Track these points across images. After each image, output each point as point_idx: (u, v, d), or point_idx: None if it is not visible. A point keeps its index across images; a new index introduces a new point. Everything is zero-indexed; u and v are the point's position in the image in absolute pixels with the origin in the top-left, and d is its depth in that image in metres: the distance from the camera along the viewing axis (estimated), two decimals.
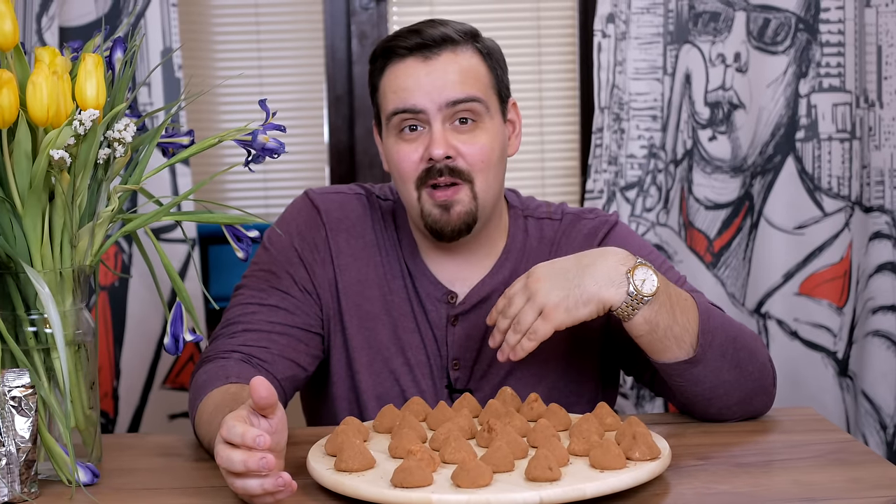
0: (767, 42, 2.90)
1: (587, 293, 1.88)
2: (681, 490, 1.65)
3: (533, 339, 1.88)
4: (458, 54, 2.03)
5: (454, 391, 2.10)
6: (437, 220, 2.03)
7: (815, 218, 2.91)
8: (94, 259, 1.80)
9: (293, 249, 2.10)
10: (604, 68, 2.97)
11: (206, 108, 3.33)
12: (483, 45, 2.06)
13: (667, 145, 3.00)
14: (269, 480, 1.56)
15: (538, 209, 2.18)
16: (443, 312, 2.11)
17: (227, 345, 2.02)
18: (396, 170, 2.05)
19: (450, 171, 2.01)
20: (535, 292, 1.88)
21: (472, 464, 1.56)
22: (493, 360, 2.10)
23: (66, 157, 1.67)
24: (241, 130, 1.86)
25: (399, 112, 2.01)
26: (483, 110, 2.03)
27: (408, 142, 2.02)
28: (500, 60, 2.09)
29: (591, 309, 1.88)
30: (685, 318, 1.91)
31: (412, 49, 2.01)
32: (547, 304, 1.87)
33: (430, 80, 2.00)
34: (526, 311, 1.88)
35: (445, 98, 2.00)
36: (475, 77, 2.03)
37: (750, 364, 1.98)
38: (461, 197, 2.02)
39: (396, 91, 2.02)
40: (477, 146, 2.02)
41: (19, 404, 1.66)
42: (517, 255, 2.14)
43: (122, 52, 1.85)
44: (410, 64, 2.02)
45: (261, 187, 3.35)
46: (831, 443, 1.86)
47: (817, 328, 2.93)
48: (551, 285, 1.88)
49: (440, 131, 2.00)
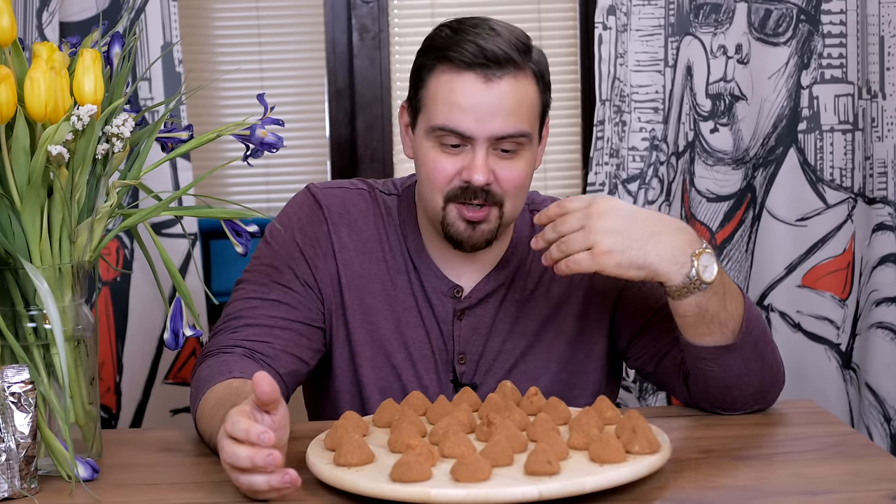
0: (769, 33, 2.89)
1: (645, 260, 1.85)
2: (681, 483, 1.65)
3: (573, 267, 1.86)
4: (519, 80, 1.98)
5: (460, 385, 2.10)
6: (460, 233, 2.03)
7: (818, 210, 2.91)
8: (94, 254, 1.80)
9: (294, 244, 2.10)
10: (605, 60, 2.96)
11: (207, 102, 3.33)
12: (536, 65, 2.02)
13: (668, 137, 2.99)
14: (276, 477, 1.57)
15: (543, 203, 2.18)
16: (449, 307, 2.11)
17: (229, 339, 2.02)
18: (427, 176, 2.03)
19: (484, 195, 2.00)
20: (593, 226, 1.85)
21: (471, 458, 1.56)
22: (499, 355, 2.10)
23: (64, 152, 1.67)
24: (239, 125, 1.85)
25: (447, 131, 1.98)
26: (527, 142, 2.01)
27: (447, 154, 2.00)
28: (548, 81, 2.07)
29: (642, 275, 1.86)
30: (733, 305, 1.92)
31: (473, 65, 1.97)
32: (599, 245, 1.84)
33: (487, 105, 1.96)
34: (576, 238, 1.86)
35: (497, 130, 1.97)
36: (528, 109, 2.00)
37: (772, 358, 2.00)
38: (490, 218, 2.02)
39: (450, 106, 1.98)
40: (516, 172, 2.01)
41: (19, 400, 1.66)
42: (523, 249, 2.14)
43: (120, 47, 1.84)
44: (469, 81, 1.97)
45: (262, 182, 3.35)
46: (833, 436, 1.85)
47: (820, 320, 2.93)
48: (612, 228, 1.85)
49: (483, 157, 1.98)
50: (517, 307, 2.12)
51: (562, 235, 1.87)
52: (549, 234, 1.89)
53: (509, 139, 1.98)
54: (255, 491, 1.59)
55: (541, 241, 1.91)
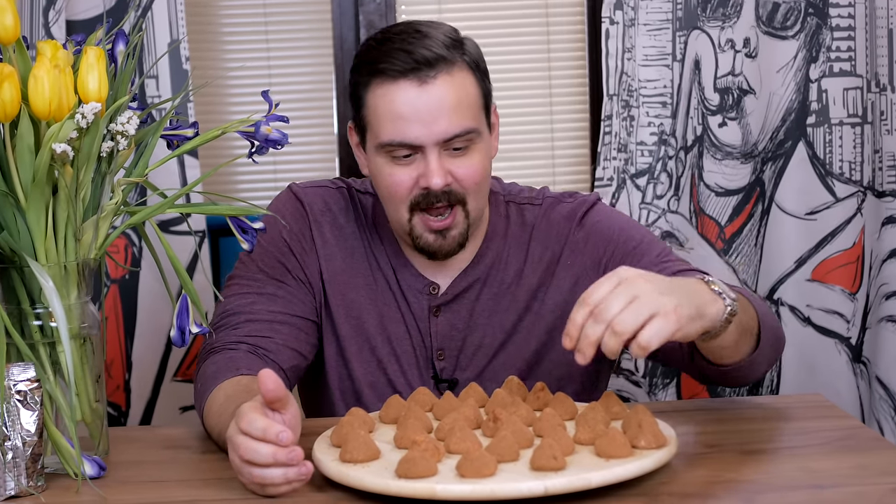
0: (777, 27, 2.88)
1: (695, 307, 1.69)
2: (688, 478, 1.64)
3: (653, 343, 1.63)
4: (454, 75, 1.98)
5: (440, 381, 2.11)
6: (430, 244, 2.04)
7: (827, 203, 2.90)
8: (99, 252, 1.80)
9: (283, 240, 2.12)
10: (612, 55, 2.96)
11: (214, 100, 3.33)
12: (469, 56, 2.02)
13: (677, 132, 2.99)
14: (293, 470, 1.58)
15: (520, 194, 2.18)
16: (424, 304, 2.12)
17: (231, 335, 2.02)
18: (387, 191, 2.03)
19: (446, 197, 2.00)
20: (640, 293, 1.65)
21: (477, 454, 1.55)
22: (478, 349, 2.11)
23: (68, 150, 1.67)
24: (244, 122, 1.86)
25: (395, 145, 1.99)
26: (476, 136, 2.01)
27: (401, 166, 2.00)
28: (484, 68, 2.07)
29: (697, 327, 1.71)
30: (747, 316, 1.87)
31: (405, 72, 1.97)
32: (665, 306, 1.64)
33: (427, 109, 1.96)
34: (628, 314, 1.63)
35: (443, 133, 1.97)
36: (469, 103, 2.00)
37: (779, 342, 2.01)
38: (457, 221, 2.02)
39: (392, 119, 1.98)
40: (472, 168, 2.01)
41: (25, 398, 1.66)
42: (499, 241, 2.14)
43: (124, 44, 1.85)
44: (404, 88, 1.97)
45: (270, 179, 3.35)
46: (840, 429, 1.85)
47: (830, 314, 2.92)
48: (661, 289, 1.67)
49: (436, 161, 1.98)
50: (495, 301, 2.13)
51: (609, 322, 1.65)
52: (590, 329, 1.66)
53: (457, 138, 1.98)
54: (268, 484, 1.60)
55: (569, 339, 1.68)
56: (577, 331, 1.66)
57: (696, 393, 3.05)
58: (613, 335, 1.63)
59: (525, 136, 3.40)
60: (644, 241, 2.13)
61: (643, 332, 1.62)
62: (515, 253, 2.13)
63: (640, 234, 2.13)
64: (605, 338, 1.63)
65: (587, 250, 2.12)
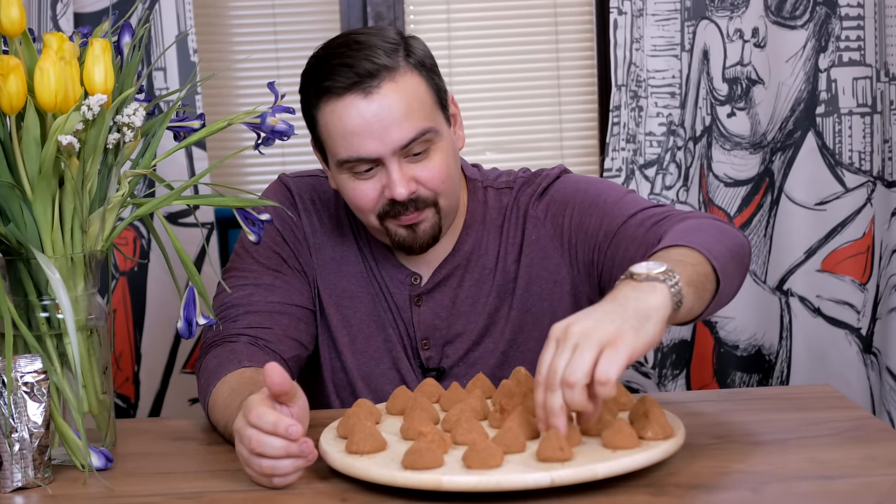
0: (786, 17, 2.88)
1: (640, 312, 1.60)
2: (695, 469, 1.64)
3: (611, 385, 1.53)
4: (398, 81, 1.96)
5: (427, 371, 2.12)
6: (404, 238, 2.03)
7: (837, 193, 2.89)
8: (106, 244, 1.80)
9: (276, 230, 2.13)
10: (620, 45, 2.95)
11: (222, 92, 3.33)
12: (414, 57, 2.00)
13: (686, 122, 2.98)
14: (302, 460, 1.60)
15: (498, 179, 2.18)
16: (406, 293, 2.13)
17: (231, 328, 2.02)
18: (354, 204, 2.03)
19: (414, 204, 1.99)
20: (578, 338, 1.56)
21: (483, 445, 1.55)
22: (461, 336, 2.12)
23: (74, 142, 1.67)
24: (250, 113, 1.86)
25: (353, 161, 1.97)
26: (433, 136, 1.99)
27: (364, 181, 1.99)
28: (432, 65, 2.04)
29: (653, 327, 1.60)
30: (694, 270, 1.75)
31: (349, 87, 1.95)
32: (606, 337, 1.55)
33: (377, 120, 1.94)
34: (575, 362, 1.54)
35: (398, 141, 1.95)
36: (420, 105, 1.98)
37: (741, 256, 1.91)
38: (426, 216, 2.01)
39: (345, 136, 1.96)
40: (436, 170, 1.99)
41: (31, 390, 1.66)
42: (478, 227, 2.14)
43: (130, 36, 1.84)
44: (351, 102, 1.95)
45: (280, 170, 3.34)
46: (849, 420, 1.84)
47: (840, 305, 2.92)
48: (595, 324, 1.57)
49: (398, 171, 1.97)
50: (477, 287, 2.13)
51: (565, 383, 1.56)
52: (550, 400, 1.57)
53: (414, 142, 1.97)
54: (276, 475, 1.60)
55: (541, 422, 1.59)
56: (542, 410, 1.57)
57: (706, 384, 3.05)
58: (569, 389, 1.54)
59: (533, 127, 3.39)
60: (603, 191, 2.09)
61: (596, 370, 1.53)
62: (494, 238, 2.13)
63: (599, 189, 2.10)
64: (566, 395, 1.54)
65: (547, 221, 2.12)
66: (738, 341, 3.01)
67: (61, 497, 1.65)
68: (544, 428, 1.58)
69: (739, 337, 3.01)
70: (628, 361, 1.56)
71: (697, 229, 1.87)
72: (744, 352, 3.01)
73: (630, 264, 1.74)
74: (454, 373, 2.12)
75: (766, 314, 2.98)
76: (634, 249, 1.97)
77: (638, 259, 1.91)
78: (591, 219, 2.06)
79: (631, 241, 1.99)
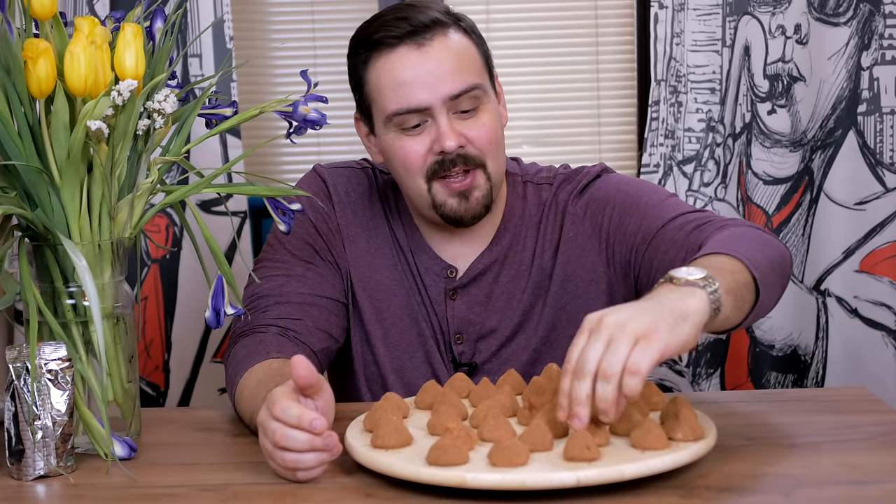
0: (829, 13, 2.84)
1: (676, 312, 1.58)
2: (726, 471, 1.61)
3: (639, 380, 1.51)
4: (449, 36, 1.99)
5: (459, 366, 2.10)
6: (455, 209, 2.02)
7: (877, 193, 2.86)
8: (134, 231, 1.79)
9: (309, 221, 2.12)
10: (661, 40, 2.93)
11: (259, 80, 3.32)
12: (465, 23, 2.03)
13: (725, 119, 2.95)
14: (327, 454, 1.58)
15: (538, 174, 2.17)
16: (440, 287, 2.11)
17: (261, 318, 2.01)
18: (401, 165, 2.02)
19: (463, 160, 1.99)
20: (612, 331, 1.54)
21: (509, 442, 1.53)
22: (495, 332, 2.11)
23: (103, 127, 1.66)
24: (282, 101, 1.84)
25: (402, 113, 1.98)
26: (482, 94, 2.00)
27: (412, 137, 2.00)
28: (481, 37, 2.07)
29: (689, 328, 1.58)
30: (734, 278, 1.72)
31: (402, 37, 1.97)
32: (641, 330, 1.53)
33: (427, 69, 1.96)
34: (610, 356, 1.52)
35: (448, 91, 1.96)
36: (470, 61, 2.00)
37: (783, 266, 1.89)
38: (478, 182, 2.01)
39: (395, 87, 1.97)
40: (484, 129, 2.00)
41: (55, 377, 1.65)
42: (517, 222, 2.13)
43: (162, 21, 1.83)
44: (404, 53, 1.97)
45: (315, 160, 3.33)
46: (884, 424, 1.81)
47: (878, 306, 2.88)
48: (630, 316, 1.56)
49: (447, 123, 1.97)
50: (513, 282, 2.12)
51: (594, 373, 1.54)
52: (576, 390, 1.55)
53: (464, 95, 1.98)
54: (300, 469, 1.58)
55: (562, 410, 1.57)
56: (566, 398, 1.55)
57: (741, 383, 3.02)
58: (605, 382, 1.52)
59: (572, 122, 3.37)
60: (644, 193, 2.08)
61: (629, 359, 1.52)
62: (532, 234, 2.12)
63: (640, 190, 2.08)
64: (598, 388, 1.52)
65: (586, 219, 2.10)
66: (774, 341, 2.98)
67: (83, 486, 1.64)
68: (564, 417, 1.55)
69: (775, 336, 2.98)
70: (661, 357, 1.54)
71: (740, 238, 1.85)
72: (779, 352, 2.98)
73: (668, 268, 1.73)
74: (486, 368, 2.10)
75: (803, 314, 2.95)
76: (674, 253, 1.95)
77: (677, 263, 1.91)
78: (630, 220, 2.04)
79: (670, 244, 1.97)
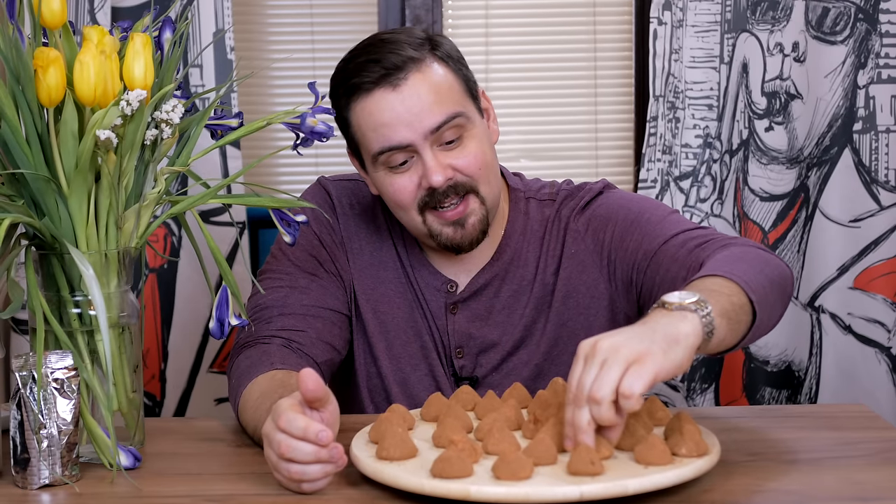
0: (826, 32, 2.86)
1: (668, 336, 1.59)
2: (729, 487, 1.62)
3: (636, 400, 1.52)
4: (424, 71, 1.99)
5: (460, 379, 2.11)
6: (451, 237, 2.03)
7: (872, 211, 2.87)
8: (140, 241, 1.79)
9: (313, 233, 2.13)
10: (659, 56, 2.94)
11: (258, 91, 3.32)
12: (441, 51, 2.03)
13: (722, 135, 2.97)
14: (332, 465, 1.58)
15: (541, 191, 2.17)
16: (441, 301, 2.12)
17: (265, 329, 2.02)
18: (394, 200, 2.03)
19: (454, 190, 2.00)
20: (606, 355, 1.55)
21: (513, 456, 1.53)
22: (495, 346, 2.11)
23: (112, 137, 1.66)
24: (290, 113, 1.85)
25: (385, 151, 1.99)
26: (465, 121, 2.00)
27: (400, 174, 2.01)
28: (460, 59, 2.06)
29: (682, 352, 1.59)
30: (728, 301, 1.72)
31: (377, 81, 1.98)
32: (633, 354, 1.54)
33: (405, 108, 1.96)
34: (602, 378, 1.54)
35: (428, 126, 1.97)
36: (448, 90, 2.00)
37: (783, 285, 1.89)
38: (472, 207, 2.02)
39: (376, 129, 1.98)
40: (471, 156, 2.00)
41: (62, 386, 1.65)
42: (518, 238, 2.14)
43: (171, 32, 1.84)
44: (381, 96, 1.97)
45: (313, 171, 3.33)
46: (884, 441, 1.82)
47: (871, 323, 2.89)
48: (623, 341, 1.57)
49: (432, 158, 1.98)
50: (514, 297, 2.12)
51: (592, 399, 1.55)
52: (577, 416, 1.57)
53: (445, 126, 1.98)
54: (305, 480, 1.58)
55: (568, 440, 1.59)
56: (570, 428, 1.57)
57: (735, 398, 3.03)
58: (595, 405, 1.53)
59: (569, 136, 3.38)
60: (646, 210, 2.08)
61: (621, 384, 1.52)
62: (534, 250, 2.13)
63: (642, 207, 2.09)
64: (593, 411, 1.54)
65: (588, 236, 2.11)
66: (769, 357, 2.99)
67: (88, 495, 1.64)
68: (571, 446, 1.57)
69: (770, 352, 2.99)
70: (654, 380, 1.55)
71: (739, 259, 1.86)
72: (774, 367, 2.99)
73: (671, 284, 1.74)
74: (488, 382, 2.11)
75: (798, 330, 2.96)
76: (676, 271, 1.96)
77: (679, 280, 1.92)
78: (631, 237, 2.05)
79: (672, 261, 1.98)
